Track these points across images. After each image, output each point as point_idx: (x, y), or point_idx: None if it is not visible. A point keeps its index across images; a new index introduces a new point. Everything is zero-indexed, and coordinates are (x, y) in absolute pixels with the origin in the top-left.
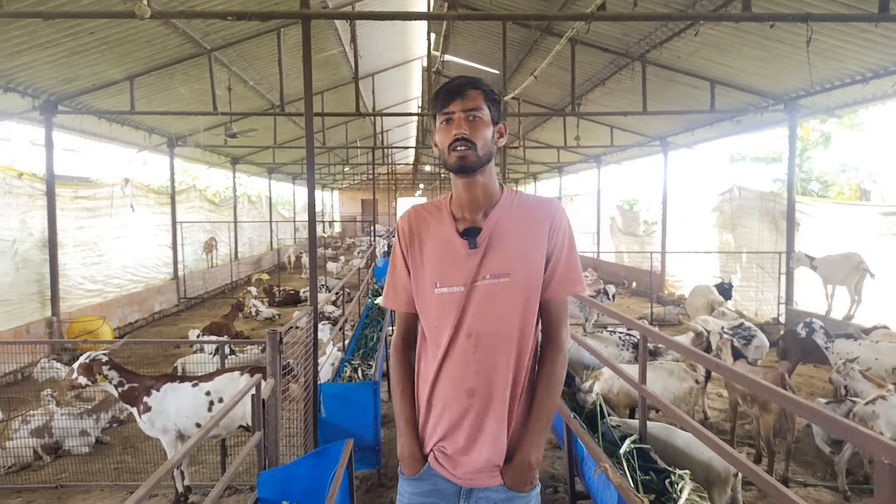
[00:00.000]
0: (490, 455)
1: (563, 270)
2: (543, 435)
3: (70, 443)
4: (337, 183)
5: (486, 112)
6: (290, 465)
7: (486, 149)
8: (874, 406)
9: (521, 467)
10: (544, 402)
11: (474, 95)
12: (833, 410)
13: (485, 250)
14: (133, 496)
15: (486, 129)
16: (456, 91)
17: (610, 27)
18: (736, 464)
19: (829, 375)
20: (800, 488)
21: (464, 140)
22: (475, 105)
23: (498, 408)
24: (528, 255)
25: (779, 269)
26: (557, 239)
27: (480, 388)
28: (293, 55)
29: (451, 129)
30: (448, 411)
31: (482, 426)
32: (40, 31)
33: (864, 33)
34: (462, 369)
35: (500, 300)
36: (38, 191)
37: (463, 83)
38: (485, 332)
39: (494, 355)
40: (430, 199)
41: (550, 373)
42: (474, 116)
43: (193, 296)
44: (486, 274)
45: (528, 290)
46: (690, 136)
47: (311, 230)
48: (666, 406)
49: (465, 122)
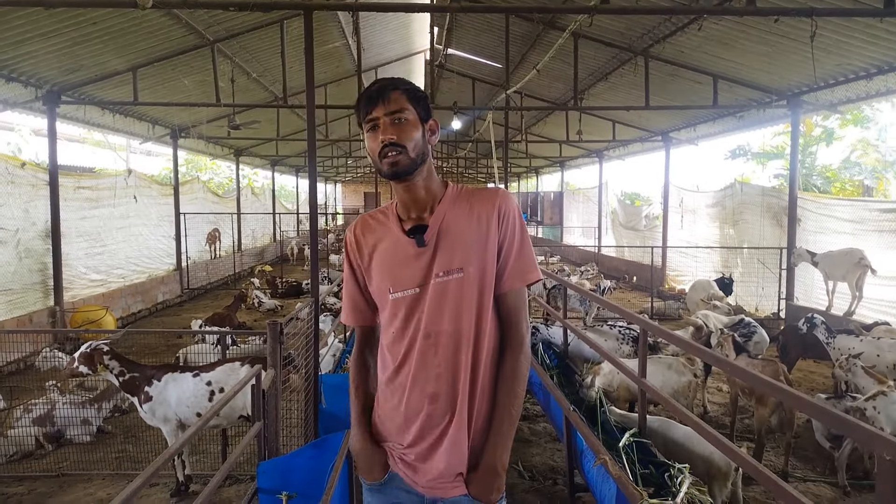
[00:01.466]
0: (452, 462)
1: (516, 259)
2: (509, 438)
3: (72, 432)
4: (340, 175)
5: (411, 112)
6: (290, 455)
7: (419, 150)
8: (874, 402)
9: (488, 474)
10: (506, 404)
11: (396, 97)
12: (833, 406)
13: (435, 248)
14: (132, 484)
15: (414, 131)
16: (377, 95)
17: (613, 21)
18: (736, 458)
19: (832, 371)
20: (799, 483)
21: (392, 145)
22: (399, 107)
23: (459, 411)
24: (480, 247)
25: (780, 264)
26: (507, 227)
27: (443, 391)
28: (296, 47)
29: (377, 135)
30: (411, 419)
31: (444, 432)
32: (43, 20)
33: (868, 28)
34: (423, 373)
35: (456, 297)
36: (41, 180)
37: (383, 85)
38: (443, 332)
39: (455, 355)
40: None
41: (513, 371)
42: (400, 119)
43: (196, 287)
44: (439, 272)
45: (483, 283)
46: (693, 131)
47: (313, 222)
48: (666, 400)
49: (391, 127)
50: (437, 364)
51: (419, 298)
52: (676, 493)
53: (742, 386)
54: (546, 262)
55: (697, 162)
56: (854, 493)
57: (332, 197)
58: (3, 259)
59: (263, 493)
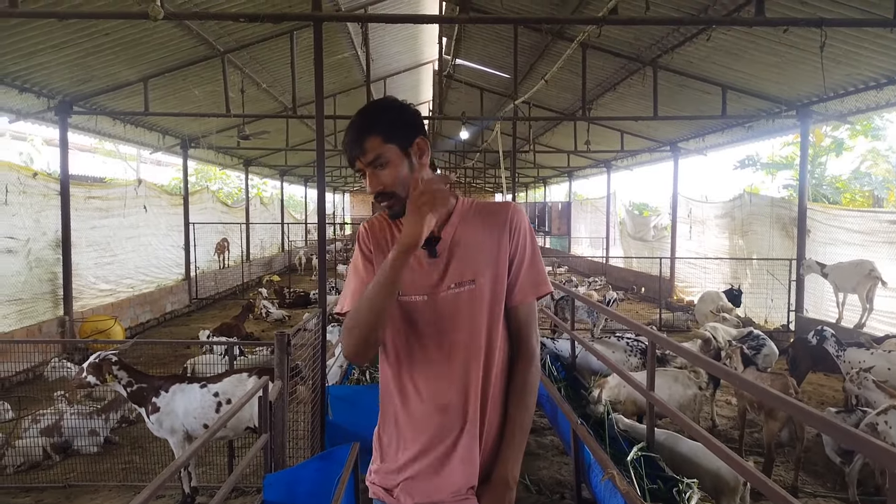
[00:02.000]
0: (465, 476)
1: (527, 272)
2: (520, 451)
3: (79, 442)
4: (348, 185)
5: (391, 150)
6: (297, 467)
7: (406, 189)
8: (886, 416)
9: (500, 486)
10: (518, 417)
11: (371, 145)
12: (843, 420)
13: (447, 259)
14: (138, 496)
15: (398, 170)
16: (350, 148)
17: (621, 32)
18: (744, 473)
19: (843, 384)
20: (809, 499)
21: (382, 195)
22: (376, 154)
23: (471, 424)
24: (492, 259)
25: (789, 275)
26: (519, 240)
27: (454, 403)
28: (306, 58)
29: (367, 182)
30: (418, 431)
31: (455, 445)
32: (55, 31)
33: (878, 38)
34: (434, 384)
35: (467, 308)
36: (52, 190)
37: (354, 137)
38: (455, 342)
39: (467, 368)
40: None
41: (523, 385)
42: (379, 164)
43: (205, 296)
44: (451, 283)
45: (494, 295)
46: (701, 141)
47: (321, 232)
48: (674, 413)
49: (374, 177)
50: (449, 374)
51: (428, 307)
52: None
53: (750, 399)
54: (554, 273)
55: (706, 172)
56: None
57: (340, 206)
58: (13, 269)
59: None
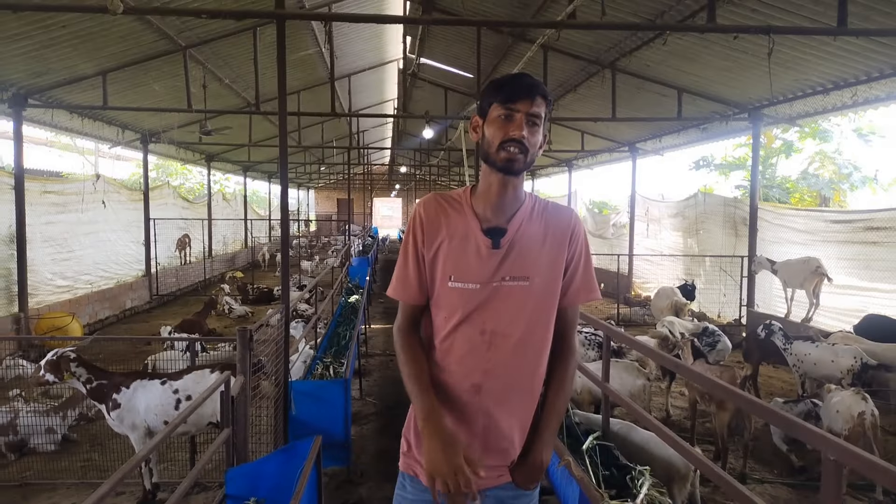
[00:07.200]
0: (500, 454)
1: (581, 278)
2: (555, 434)
3: (36, 440)
4: (313, 182)
5: (545, 119)
6: (259, 461)
7: (534, 155)
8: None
9: (534, 467)
10: (557, 403)
11: (540, 102)
12: (790, 410)
13: (506, 252)
14: (97, 491)
15: (540, 137)
16: (526, 92)
17: (581, 35)
18: (693, 460)
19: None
20: (757, 485)
21: (519, 144)
22: (538, 112)
23: (511, 408)
24: (549, 261)
25: (741, 272)
26: (576, 247)
27: (488, 387)
28: (269, 54)
29: (508, 126)
30: (451, 403)
31: (491, 425)
32: (9, 22)
33: (824, 46)
34: (471, 365)
35: (518, 303)
36: (5, 185)
37: (535, 85)
38: (500, 333)
39: (509, 356)
40: (449, 191)
41: (564, 375)
42: (534, 122)
43: (166, 293)
44: (506, 275)
45: (548, 295)
46: (658, 142)
47: (284, 228)
48: (628, 404)
49: (525, 126)
50: (487, 359)
51: (480, 295)
52: (637, 494)
53: (700, 391)
54: None
55: (664, 172)
56: (811, 494)
57: (304, 203)
58: None
59: (231, 499)
